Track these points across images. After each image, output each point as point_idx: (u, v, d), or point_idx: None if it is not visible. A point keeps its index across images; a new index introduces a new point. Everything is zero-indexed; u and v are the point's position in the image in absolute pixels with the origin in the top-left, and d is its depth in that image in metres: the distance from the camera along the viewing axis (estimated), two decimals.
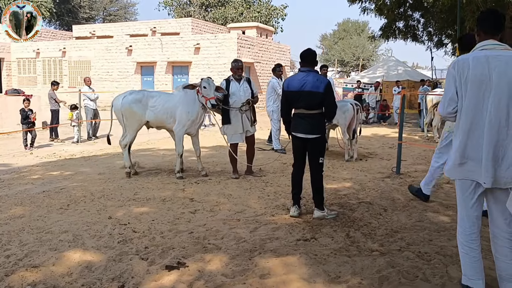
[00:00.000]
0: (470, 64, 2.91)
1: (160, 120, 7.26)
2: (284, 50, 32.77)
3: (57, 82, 12.73)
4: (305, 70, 4.96)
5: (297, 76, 4.99)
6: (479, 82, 2.90)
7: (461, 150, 3.01)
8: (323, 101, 4.83)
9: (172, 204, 5.54)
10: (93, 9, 54.06)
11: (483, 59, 2.90)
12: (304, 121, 4.93)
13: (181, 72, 26.87)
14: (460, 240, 3.14)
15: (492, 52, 2.91)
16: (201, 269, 3.59)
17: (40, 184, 6.73)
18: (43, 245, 4.14)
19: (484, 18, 3.05)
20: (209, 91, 6.76)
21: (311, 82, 4.81)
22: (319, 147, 4.98)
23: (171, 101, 7.14)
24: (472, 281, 3.07)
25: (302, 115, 4.95)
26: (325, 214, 4.87)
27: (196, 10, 43.51)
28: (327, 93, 4.80)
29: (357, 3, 17.89)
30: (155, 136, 12.98)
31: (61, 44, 30.42)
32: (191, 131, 7.21)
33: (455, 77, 2.98)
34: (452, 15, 16.71)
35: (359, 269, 3.60)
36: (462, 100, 2.97)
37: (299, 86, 4.86)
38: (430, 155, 9.40)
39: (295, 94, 4.90)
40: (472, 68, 2.90)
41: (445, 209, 5.29)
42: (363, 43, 56.13)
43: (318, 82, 4.81)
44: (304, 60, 5.01)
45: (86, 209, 5.36)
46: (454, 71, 2.98)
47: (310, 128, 4.91)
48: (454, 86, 2.99)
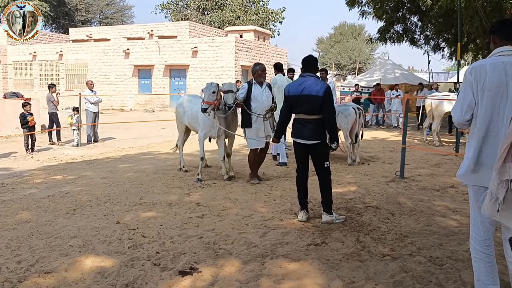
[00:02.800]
0: (488, 71, 2.90)
1: (191, 124, 7.51)
2: (281, 53, 32.84)
3: (53, 85, 12.63)
4: (305, 75, 4.99)
5: (297, 81, 5.05)
6: (496, 89, 2.89)
7: (476, 157, 3.00)
8: (322, 105, 4.81)
9: (179, 209, 5.53)
10: (90, 12, 54.00)
11: (500, 66, 2.89)
12: (305, 127, 4.93)
13: (179, 75, 26.85)
14: (474, 245, 3.14)
15: (509, 59, 2.91)
16: (215, 275, 3.59)
17: (44, 189, 6.70)
18: (54, 250, 4.12)
19: (502, 25, 3.07)
20: (204, 94, 6.72)
21: (310, 87, 4.83)
22: (322, 152, 4.97)
23: (195, 106, 7.26)
24: (487, 285, 3.08)
25: (302, 120, 4.96)
26: (333, 218, 4.88)
27: (193, 13, 43.54)
28: (326, 97, 4.79)
29: (356, 7, 17.96)
30: (156, 140, 12.98)
31: (57, 47, 30.36)
32: (211, 134, 7.19)
33: (472, 83, 2.96)
34: (449, 19, 16.81)
35: (373, 274, 3.60)
36: (478, 106, 2.96)
37: (299, 91, 4.89)
38: (432, 158, 9.47)
39: (295, 98, 4.93)
40: (489, 74, 2.89)
41: (452, 213, 5.31)
42: (359, 46, 56.35)
43: (318, 87, 4.81)
44: (305, 66, 5.05)
45: (93, 213, 5.34)
46: (471, 77, 2.96)
47: (311, 134, 4.90)
48: (472, 92, 2.96)
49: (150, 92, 27.25)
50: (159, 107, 26.45)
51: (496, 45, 3.05)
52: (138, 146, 11.74)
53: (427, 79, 27.43)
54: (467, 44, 19.12)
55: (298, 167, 5.18)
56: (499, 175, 2.11)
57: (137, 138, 13.38)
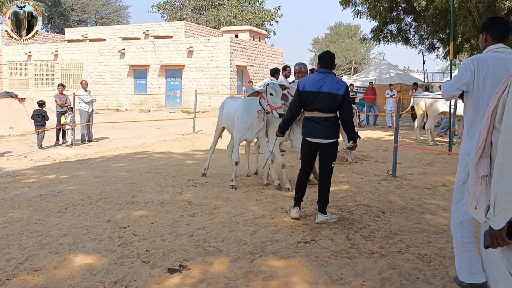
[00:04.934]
0: (489, 62, 3.04)
1: (228, 126, 7.13)
2: (277, 53, 32.88)
3: (61, 84, 12.78)
4: (323, 71, 4.80)
5: (314, 77, 4.82)
6: (498, 80, 2.94)
7: None
8: (341, 104, 4.68)
9: (171, 207, 5.54)
10: (85, 12, 53.88)
11: (499, 60, 3.05)
12: (321, 125, 4.76)
13: (174, 75, 26.84)
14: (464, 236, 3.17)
15: (506, 55, 3.07)
16: (204, 272, 3.60)
17: (36, 188, 6.69)
18: (43, 248, 4.13)
19: (494, 24, 3.18)
20: (276, 99, 6.01)
21: (329, 84, 4.67)
22: (333, 151, 4.90)
23: (233, 108, 6.89)
24: (476, 276, 3.10)
25: (317, 119, 4.77)
26: (328, 218, 4.88)
27: (188, 13, 43.53)
28: (346, 96, 4.68)
29: (350, 6, 18.00)
30: (151, 139, 12.97)
31: (53, 47, 30.29)
32: (248, 137, 6.71)
33: (473, 71, 3.08)
34: (444, 19, 16.87)
35: (361, 271, 3.62)
36: (479, 95, 3.07)
37: (317, 87, 4.70)
38: (425, 157, 9.51)
39: (311, 94, 4.72)
40: (491, 66, 3.04)
41: (442, 211, 5.34)
42: (355, 46, 56.47)
43: (338, 85, 4.68)
44: (322, 61, 4.88)
45: (85, 212, 5.34)
46: (472, 65, 3.08)
47: (327, 132, 4.77)
48: (472, 76, 3.07)
49: (146, 92, 27.22)
50: (154, 107, 26.43)
51: (487, 43, 3.18)
52: (133, 145, 11.73)
53: (423, 79, 27.50)
54: (462, 44, 19.19)
55: (303, 167, 5.07)
56: (476, 172, 2.13)
57: (131, 138, 13.37)
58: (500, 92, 2.05)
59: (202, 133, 14.64)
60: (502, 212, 1.95)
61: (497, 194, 1.96)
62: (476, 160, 2.14)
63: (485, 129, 2.12)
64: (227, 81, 25.39)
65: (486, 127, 2.11)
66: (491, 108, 2.09)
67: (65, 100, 12.38)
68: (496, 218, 1.97)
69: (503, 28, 3.18)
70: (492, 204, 1.99)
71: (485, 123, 2.13)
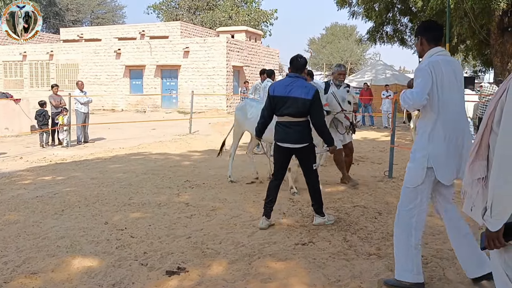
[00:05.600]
0: (441, 65, 3.16)
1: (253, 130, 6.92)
2: (273, 54, 32.88)
3: (55, 85, 12.78)
4: (292, 75, 4.78)
5: (284, 81, 4.80)
6: (451, 82, 3.20)
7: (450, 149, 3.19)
8: (311, 109, 4.62)
9: (168, 209, 5.54)
10: (81, 12, 53.72)
11: (447, 62, 3.20)
12: (291, 129, 4.71)
13: (170, 76, 26.80)
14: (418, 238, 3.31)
15: (448, 58, 3.26)
16: (202, 274, 3.60)
17: (32, 189, 6.67)
18: (41, 251, 4.12)
19: (427, 27, 3.34)
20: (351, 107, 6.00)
21: (299, 88, 4.61)
22: (309, 155, 4.82)
23: (254, 110, 6.64)
24: (419, 276, 3.29)
25: (287, 123, 4.73)
26: (325, 220, 4.86)
27: (184, 13, 43.49)
28: (315, 101, 4.61)
29: (346, 7, 18.05)
30: (147, 140, 12.96)
31: (48, 47, 30.15)
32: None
33: (431, 75, 3.14)
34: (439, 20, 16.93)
35: (358, 272, 3.64)
36: (438, 98, 3.16)
37: (286, 92, 4.66)
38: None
39: (280, 99, 4.68)
40: (444, 68, 3.16)
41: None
42: (351, 47, 56.57)
43: (307, 89, 4.61)
44: (292, 65, 4.84)
45: (82, 214, 5.33)
46: (429, 70, 3.15)
47: (298, 137, 4.71)
48: (431, 81, 3.14)
49: (142, 92, 27.17)
50: (150, 107, 26.39)
51: (423, 46, 3.32)
52: (129, 146, 11.71)
53: None
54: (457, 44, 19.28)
55: (276, 172, 4.96)
56: (471, 174, 2.15)
57: (127, 139, 13.34)
58: (498, 95, 2.06)
59: (198, 134, 14.63)
60: (498, 214, 1.97)
61: (494, 197, 1.98)
62: (470, 161, 2.16)
63: (480, 132, 2.13)
64: (223, 82, 25.38)
65: (482, 130, 2.13)
66: (489, 111, 2.10)
67: (59, 100, 12.35)
68: (493, 220, 1.99)
69: (437, 32, 3.30)
70: (489, 206, 2.01)
71: (482, 126, 2.14)
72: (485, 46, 18.10)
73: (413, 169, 3.26)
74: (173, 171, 8.08)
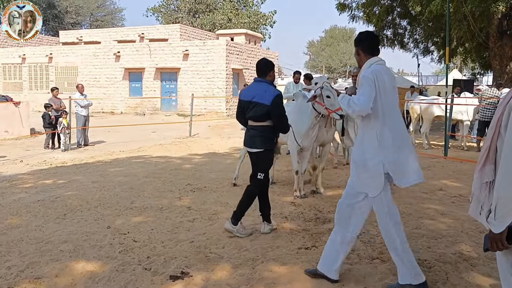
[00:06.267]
0: (383, 73, 3.29)
1: None
2: (272, 56, 32.89)
3: (55, 88, 12.81)
4: (257, 80, 4.76)
5: (251, 86, 4.83)
6: (391, 88, 3.34)
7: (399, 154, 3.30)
8: (270, 113, 4.57)
9: (170, 213, 5.54)
10: (80, 15, 53.68)
11: (385, 71, 3.35)
12: (250, 133, 4.75)
13: (170, 79, 26.80)
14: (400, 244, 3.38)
15: (384, 67, 3.37)
16: (206, 279, 3.61)
17: (34, 193, 6.67)
18: (44, 255, 4.12)
19: (364, 38, 3.46)
20: (333, 101, 5.67)
21: (260, 93, 4.60)
22: (259, 161, 4.72)
23: None
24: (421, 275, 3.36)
25: (249, 127, 4.77)
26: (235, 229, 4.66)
27: (184, 16, 43.53)
28: (274, 106, 4.52)
29: (346, 11, 18.10)
30: (147, 143, 12.96)
31: (47, 49, 30.13)
32: (305, 144, 6.28)
33: (374, 82, 3.24)
34: (438, 24, 17.01)
35: (362, 277, 3.65)
36: (383, 106, 3.27)
37: (250, 96, 4.67)
38: (421, 161, 9.52)
39: (246, 104, 4.71)
40: (386, 76, 3.30)
41: (440, 216, 5.38)
42: (350, 50, 56.68)
43: (266, 94, 4.56)
44: (257, 69, 4.79)
45: (84, 218, 5.33)
46: (373, 78, 3.25)
47: (251, 141, 4.71)
48: (375, 88, 3.24)
49: (141, 95, 27.15)
50: (150, 110, 26.38)
51: (360, 57, 3.44)
52: (129, 149, 11.72)
53: (417, 82, 27.66)
54: (456, 47, 19.35)
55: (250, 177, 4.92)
56: (480, 178, 2.18)
57: (128, 142, 13.35)
58: (506, 99, 2.09)
59: (198, 137, 14.64)
60: (502, 217, 2.00)
61: (498, 199, 2.01)
62: (479, 166, 2.18)
63: (489, 136, 2.15)
64: (223, 84, 25.38)
65: (491, 135, 2.15)
66: (497, 115, 2.12)
67: (59, 103, 12.35)
68: (497, 222, 2.02)
69: (373, 42, 3.44)
70: (493, 209, 2.03)
71: (490, 131, 2.17)
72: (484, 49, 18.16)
73: (371, 178, 3.32)
74: (174, 174, 8.08)
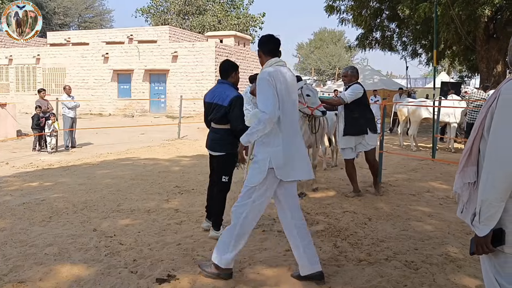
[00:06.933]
0: (280, 75, 3.43)
1: None
2: None
3: (42, 89, 12.68)
4: (220, 81, 4.74)
5: (214, 88, 4.80)
6: (289, 90, 3.49)
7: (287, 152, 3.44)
8: (228, 115, 4.50)
9: (157, 216, 5.50)
10: (68, 16, 53.22)
11: (284, 73, 3.48)
12: (211, 135, 4.72)
13: (159, 80, 26.69)
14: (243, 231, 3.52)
15: (282, 69, 3.52)
16: (193, 282, 3.58)
17: (19, 196, 6.58)
18: (28, 259, 4.05)
19: (264, 41, 3.64)
20: (314, 99, 5.75)
21: (219, 95, 4.58)
22: (221, 165, 4.66)
23: None
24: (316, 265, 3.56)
25: (211, 129, 4.75)
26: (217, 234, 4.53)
27: (173, 18, 43.40)
28: (232, 108, 4.46)
29: (335, 13, 18.17)
30: (136, 145, 12.87)
31: (35, 50, 29.82)
32: None
33: (273, 85, 3.37)
34: (426, 27, 17.15)
35: (349, 279, 3.64)
36: (279, 103, 3.38)
37: (211, 98, 4.66)
38: (409, 163, 9.62)
39: (208, 105, 4.70)
40: (283, 78, 3.44)
41: (428, 218, 5.41)
42: (339, 52, 57.00)
43: (225, 95, 4.52)
44: (219, 71, 4.74)
45: (70, 221, 5.26)
46: (271, 79, 3.38)
47: (212, 144, 4.69)
48: (275, 92, 3.37)
49: (130, 97, 27.00)
50: (138, 112, 26.23)
51: (261, 58, 3.64)
52: (117, 151, 11.63)
53: (405, 85, 27.86)
54: (444, 50, 19.54)
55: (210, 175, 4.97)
56: (462, 178, 2.19)
57: (115, 144, 13.24)
58: (489, 102, 2.10)
59: (187, 139, 14.57)
60: (486, 220, 2.00)
61: (482, 202, 2.01)
62: (461, 167, 2.19)
63: (471, 138, 2.17)
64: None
65: (473, 137, 2.16)
66: (480, 118, 2.13)
67: (46, 105, 12.22)
68: (481, 225, 2.02)
69: (272, 45, 3.60)
70: (478, 212, 2.03)
71: (473, 133, 2.17)
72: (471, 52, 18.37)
73: (255, 169, 3.47)
74: (162, 176, 8.03)
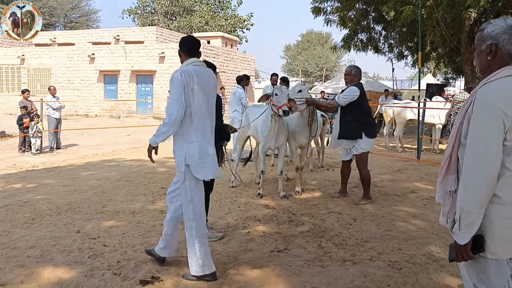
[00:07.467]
0: (194, 75, 3.51)
1: (254, 135, 7.00)
2: (249, 60, 32.96)
3: (25, 90, 12.55)
4: None
5: None
6: (203, 89, 3.56)
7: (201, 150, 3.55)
8: None
9: (142, 217, 5.46)
10: (53, 16, 52.66)
11: (200, 73, 3.57)
12: None
13: (146, 81, 26.53)
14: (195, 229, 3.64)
15: (201, 69, 3.65)
16: (177, 283, 3.56)
17: (1, 198, 6.48)
18: (10, 261, 4.00)
19: (183, 41, 3.78)
20: (280, 98, 5.88)
21: None
22: None
23: (255, 115, 6.75)
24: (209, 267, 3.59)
25: None
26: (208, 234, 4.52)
27: (160, 18, 43.21)
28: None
29: (321, 15, 18.25)
30: (122, 146, 12.78)
31: (19, 51, 29.43)
32: (270, 146, 6.44)
33: (184, 85, 3.46)
34: (412, 29, 17.28)
35: (333, 279, 3.66)
36: (190, 105, 3.50)
37: None
38: (394, 164, 9.69)
39: None
40: (196, 78, 3.51)
41: (412, 218, 5.45)
42: (326, 54, 57.24)
43: None
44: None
45: (53, 223, 5.20)
46: (182, 79, 3.46)
47: None
48: (184, 89, 3.45)
49: (116, 97, 26.80)
50: (125, 113, 26.05)
51: (181, 58, 3.75)
52: (102, 153, 11.53)
53: (392, 86, 28.08)
54: (429, 52, 19.71)
55: None
56: (443, 186, 2.18)
57: (101, 145, 13.14)
58: (465, 108, 2.08)
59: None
60: (466, 227, 1.99)
61: (461, 209, 2.00)
62: (441, 176, 2.17)
63: (450, 145, 2.15)
64: None
65: (451, 143, 2.14)
66: (457, 124, 2.12)
67: (30, 106, 12.08)
68: (461, 233, 2.01)
69: (190, 45, 3.74)
70: (458, 219, 2.03)
71: (451, 139, 2.15)
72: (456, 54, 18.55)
73: (177, 167, 3.64)
74: (148, 177, 7.99)
